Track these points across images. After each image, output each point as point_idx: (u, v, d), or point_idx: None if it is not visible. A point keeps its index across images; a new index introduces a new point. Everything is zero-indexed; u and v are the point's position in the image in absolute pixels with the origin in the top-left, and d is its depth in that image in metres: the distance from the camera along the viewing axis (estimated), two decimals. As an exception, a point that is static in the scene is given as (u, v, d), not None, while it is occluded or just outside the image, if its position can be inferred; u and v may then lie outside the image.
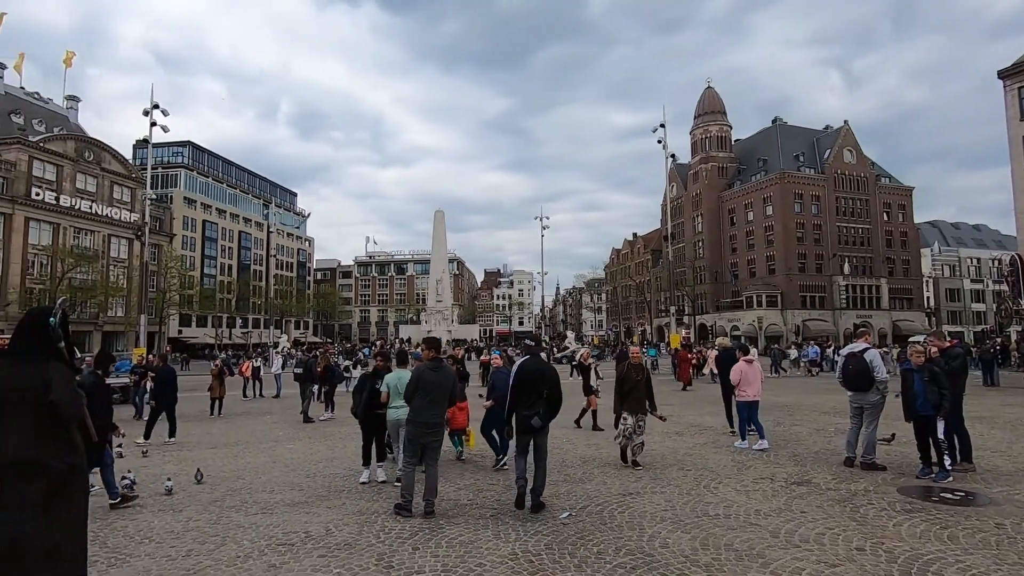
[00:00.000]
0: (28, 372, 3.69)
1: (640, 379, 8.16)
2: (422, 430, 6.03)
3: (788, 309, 62.05)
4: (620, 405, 8.11)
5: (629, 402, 8.05)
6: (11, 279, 48.30)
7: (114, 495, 6.51)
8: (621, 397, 8.14)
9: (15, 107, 54.20)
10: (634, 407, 8.03)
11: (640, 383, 8.13)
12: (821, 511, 5.86)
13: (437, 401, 6.08)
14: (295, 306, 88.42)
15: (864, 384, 7.70)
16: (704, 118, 74.17)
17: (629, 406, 8.04)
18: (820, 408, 14.68)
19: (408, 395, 6.20)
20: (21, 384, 3.65)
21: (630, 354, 8.72)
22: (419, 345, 8.12)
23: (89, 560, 4.47)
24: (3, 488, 3.59)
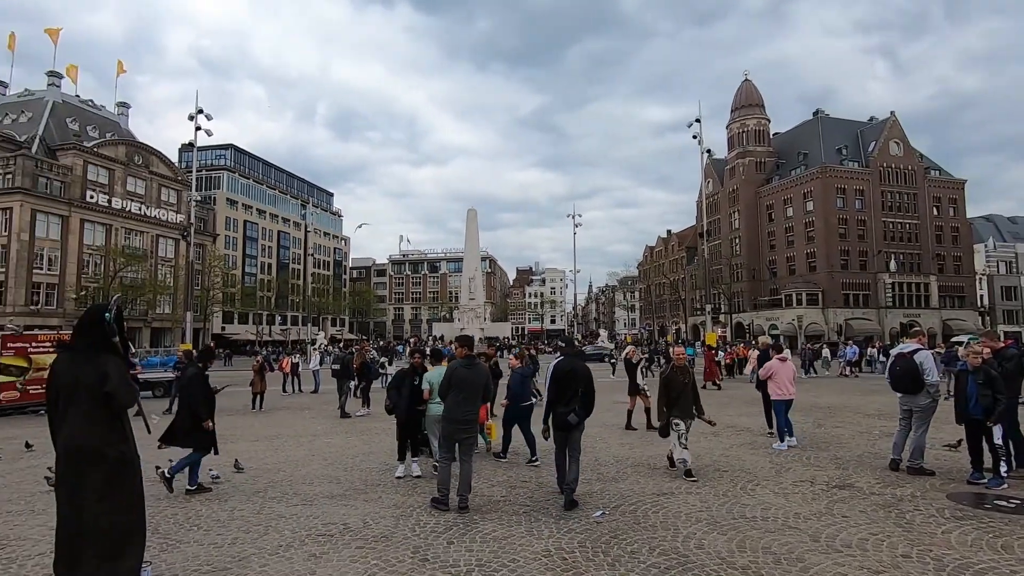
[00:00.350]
0: (87, 365, 3.92)
1: (687, 382, 7.66)
2: (456, 426, 6.12)
3: (830, 308, 60.03)
4: (668, 411, 7.57)
5: (679, 408, 7.51)
6: (68, 278, 50.91)
7: (193, 482, 6.94)
8: (668, 402, 7.58)
9: (71, 114, 57.05)
10: (684, 412, 7.53)
11: (687, 387, 7.63)
12: (864, 516, 5.68)
13: (470, 398, 6.15)
14: (332, 304, 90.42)
15: (912, 387, 7.38)
16: (741, 112, 72.36)
17: (679, 412, 7.50)
18: (864, 410, 14.19)
19: (442, 392, 6.32)
20: (81, 377, 3.89)
21: (673, 356, 8.15)
22: (451, 343, 8.25)
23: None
24: (66, 473, 3.84)
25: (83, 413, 3.83)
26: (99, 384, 3.85)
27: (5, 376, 15.84)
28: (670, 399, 7.57)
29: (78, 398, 3.85)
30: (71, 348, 4.09)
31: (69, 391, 3.87)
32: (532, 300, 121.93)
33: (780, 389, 9.41)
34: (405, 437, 7.86)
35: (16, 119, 55.63)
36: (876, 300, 61.37)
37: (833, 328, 57.77)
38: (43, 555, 4.71)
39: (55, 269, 50.56)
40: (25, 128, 54.00)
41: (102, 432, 3.86)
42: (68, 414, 3.84)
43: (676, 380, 7.62)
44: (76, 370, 3.91)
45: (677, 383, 7.60)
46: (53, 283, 50.52)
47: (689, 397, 7.63)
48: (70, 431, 3.82)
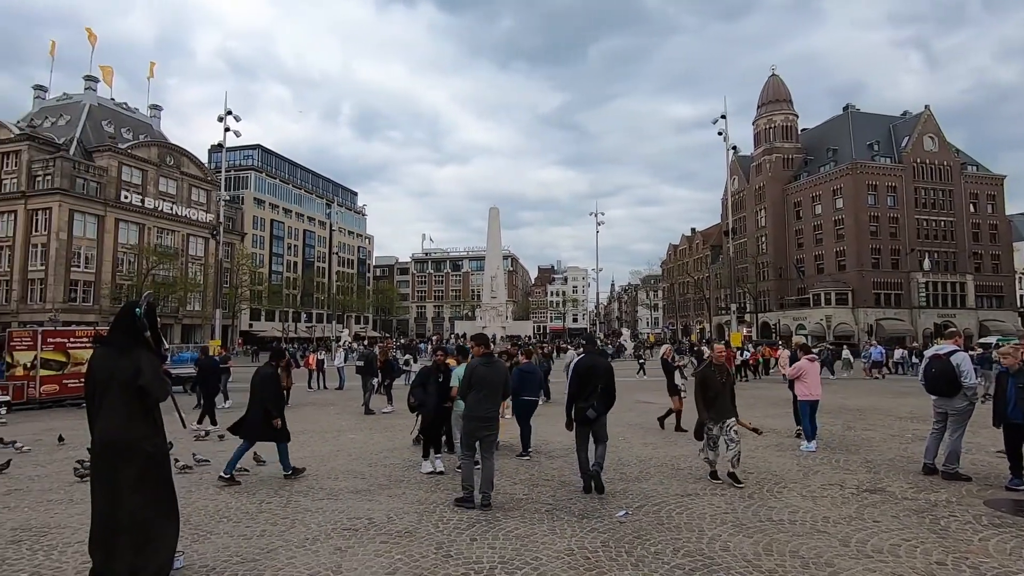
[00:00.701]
0: (121, 360, 4.04)
1: (725, 382, 7.24)
2: (477, 424, 6.16)
3: (860, 307, 58.51)
4: (705, 413, 7.14)
5: (716, 409, 7.08)
6: (104, 276, 52.58)
7: (288, 467, 7.55)
8: (706, 404, 7.14)
9: (107, 117, 58.86)
10: (720, 414, 7.08)
11: (725, 387, 7.21)
12: (896, 521, 5.53)
13: (490, 396, 6.21)
14: (356, 302, 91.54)
15: (948, 389, 7.14)
16: (768, 107, 70.94)
17: (715, 413, 7.06)
18: (896, 412, 13.81)
19: (462, 391, 6.39)
20: (116, 371, 4.01)
21: (713, 353, 7.62)
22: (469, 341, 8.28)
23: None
24: (101, 466, 3.97)
25: (117, 407, 3.95)
26: (133, 378, 3.96)
27: (46, 370, 16.44)
28: (706, 399, 7.17)
29: (113, 392, 3.97)
30: (107, 343, 4.23)
31: (105, 385, 3.99)
32: (554, 299, 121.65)
33: (809, 389, 9.36)
34: (430, 434, 7.93)
35: (55, 122, 57.61)
36: (909, 300, 59.59)
37: (863, 328, 56.30)
38: (81, 543, 4.87)
39: (91, 267, 52.25)
40: (63, 131, 55.89)
41: (136, 426, 3.98)
42: (103, 408, 3.96)
43: (713, 379, 7.20)
44: (111, 365, 4.03)
45: (714, 382, 7.18)
46: (90, 281, 52.23)
47: (727, 398, 7.19)
48: (105, 424, 3.94)
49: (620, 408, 6.83)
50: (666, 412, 11.48)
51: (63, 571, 4.41)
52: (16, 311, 48.71)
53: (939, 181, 62.18)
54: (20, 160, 51.71)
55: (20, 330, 19.45)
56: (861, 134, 63.79)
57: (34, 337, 16.88)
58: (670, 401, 11.50)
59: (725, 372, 7.43)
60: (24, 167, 51.34)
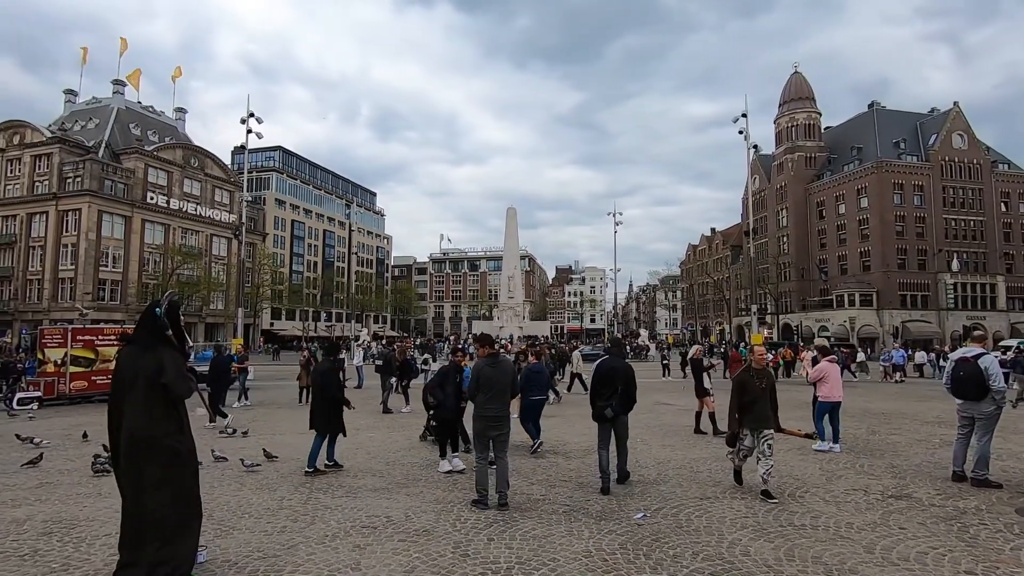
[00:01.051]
0: (145, 358, 4.13)
1: (764, 387, 6.67)
2: (485, 424, 6.22)
3: (885, 309, 57.25)
4: (740, 420, 6.69)
5: (752, 416, 6.58)
6: (130, 275, 53.86)
7: (332, 461, 7.97)
8: (741, 410, 6.67)
9: (134, 120, 60.30)
10: (757, 422, 6.55)
11: (765, 392, 6.64)
12: (923, 528, 5.40)
13: (497, 396, 6.26)
14: (374, 301, 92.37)
15: (976, 393, 6.95)
16: (790, 105, 69.81)
17: (752, 421, 6.58)
18: (922, 417, 13.49)
19: (471, 392, 6.44)
20: (140, 369, 4.10)
21: (753, 356, 7.13)
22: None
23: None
24: (127, 461, 4.06)
25: (141, 404, 4.04)
26: (156, 375, 4.05)
27: (75, 367, 16.90)
28: (743, 404, 6.66)
29: (137, 389, 4.06)
30: (132, 341, 4.34)
31: (130, 383, 4.09)
32: (571, 299, 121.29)
33: (830, 391, 9.53)
34: (446, 434, 8.00)
35: (85, 125, 59.21)
36: (936, 302, 58.17)
37: (889, 330, 55.08)
38: (109, 536, 5.00)
39: (119, 266, 53.57)
40: (92, 134, 57.41)
41: (158, 422, 4.06)
42: (128, 404, 4.06)
43: (751, 384, 6.67)
44: (136, 362, 4.13)
45: (752, 387, 6.65)
46: (117, 280, 53.55)
47: (766, 404, 6.63)
48: (129, 421, 4.03)
49: (639, 409, 6.79)
50: (696, 418, 11.18)
51: (91, 563, 4.53)
52: (47, 309, 50.14)
53: (968, 179, 60.58)
54: (52, 163, 53.25)
55: (51, 328, 20.01)
56: (887, 132, 62.41)
57: (64, 335, 17.35)
58: (692, 403, 11.38)
59: (765, 376, 6.85)
60: (55, 169, 52.86)
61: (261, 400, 17.23)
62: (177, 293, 5.77)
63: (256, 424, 12.10)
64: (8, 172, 55.50)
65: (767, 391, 6.70)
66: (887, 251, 58.14)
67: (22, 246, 53.17)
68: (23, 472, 7.76)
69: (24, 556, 4.70)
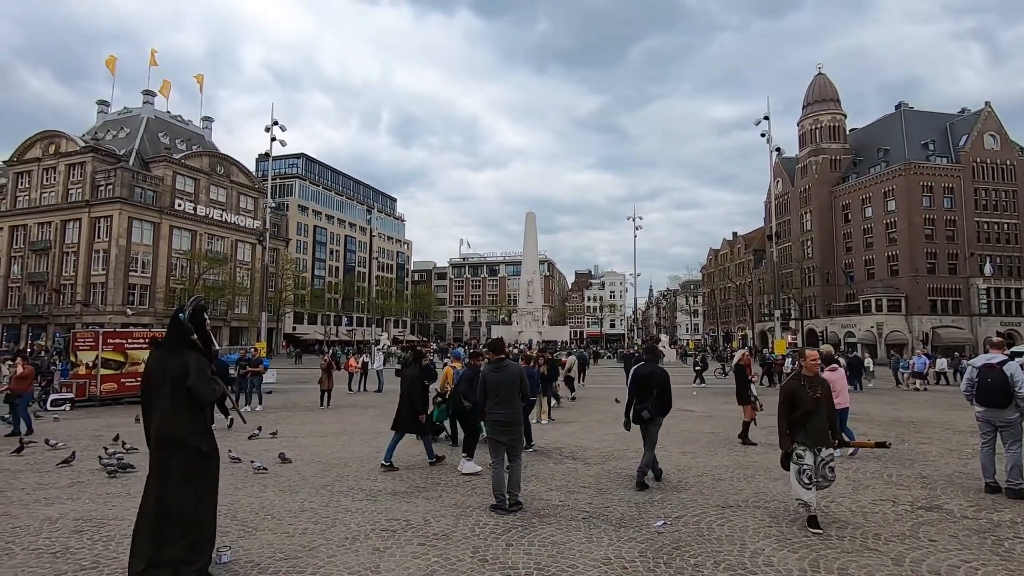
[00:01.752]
0: (172, 361, 4.27)
1: (819, 396, 5.76)
2: (495, 428, 6.32)
3: (914, 315, 55.76)
4: (791, 437, 5.74)
5: (806, 432, 5.66)
6: (159, 280, 55.23)
7: (431, 456, 8.53)
8: (791, 424, 5.76)
9: (163, 129, 61.98)
10: (814, 439, 5.63)
11: (820, 403, 5.74)
12: (955, 541, 5.24)
13: (504, 400, 6.29)
14: (395, 306, 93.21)
15: (1003, 400, 6.76)
16: (814, 107, 68.70)
17: (807, 438, 5.65)
18: (954, 426, 13.09)
19: (480, 398, 6.58)
20: (167, 371, 4.23)
21: (804, 361, 6.18)
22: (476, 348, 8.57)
23: (222, 530, 5.05)
24: (156, 459, 4.18)
25: (168, 405, 4.18)
26: (181, 378, 4.18)
27: (106, 369, 17.36)
28: (792, 419, 5.77)
29: (164, 391, 4.20)
30: (160, 346, 4.49)
31: (158, 384, 4.23)
32: (591, 304, 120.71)
33: (841, 399, 9.30)
34: (471, 434, 8.54)
35: (116, 135, 61.05)
36: (968, 307, 56.50)
37: (918, 336, 53.63)
38: (137, 535, 5.12)
39: (148, 272, 54.97)
40: (123, 143, 59.15)
41: (184, 423, 4.19)
42: (157, 405, 4.20)
43: (802, 394, 5.76)
44: (164, 365, 4.27)
45: (804, 398, 5.73)
46: (146, 284, 54.95)
47: (822, 417, 5.72)
48: (158, 421, 4.18)
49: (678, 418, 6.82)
50: (743, 427, 10.71)
51: (120, 561, 4.64)
52: (80, 313, 51.62)
53: (1001, 181, 58.84)
54: (85, 171, 54.97)
55: (83, 331, 20.60)
56: (914, 133, 61.00)
57: (96, 338, 17.86)
58: (712, 409, 11.17)
59: (820, 385, 5.88)
60: (88, 177, 54.55)
61: (284, 403, 17.49)
62: (204, 298, 5.92)
63: (277, 427, 12.28)
64: (44, 181, 57.44)
65: (822, 401, 5.75)
66: (916, 255, 56.70)
67: (56, 252, 54.92)
68: (56, 471, 8.00)
69: (56, 553, 4.84)
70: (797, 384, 5.92)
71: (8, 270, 57.42)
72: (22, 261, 56.63)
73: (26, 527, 5.55)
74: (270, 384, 23.47)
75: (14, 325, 55.78)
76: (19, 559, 4.70)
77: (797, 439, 5.70)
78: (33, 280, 55.49)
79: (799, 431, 5.72)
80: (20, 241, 57.10)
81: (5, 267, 57.53)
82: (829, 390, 6.00)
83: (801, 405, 5.75)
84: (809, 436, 5.66)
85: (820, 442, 5.66)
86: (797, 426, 5.74)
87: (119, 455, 8.46)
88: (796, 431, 5.74)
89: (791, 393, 5.87)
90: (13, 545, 5.02)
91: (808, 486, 5.56)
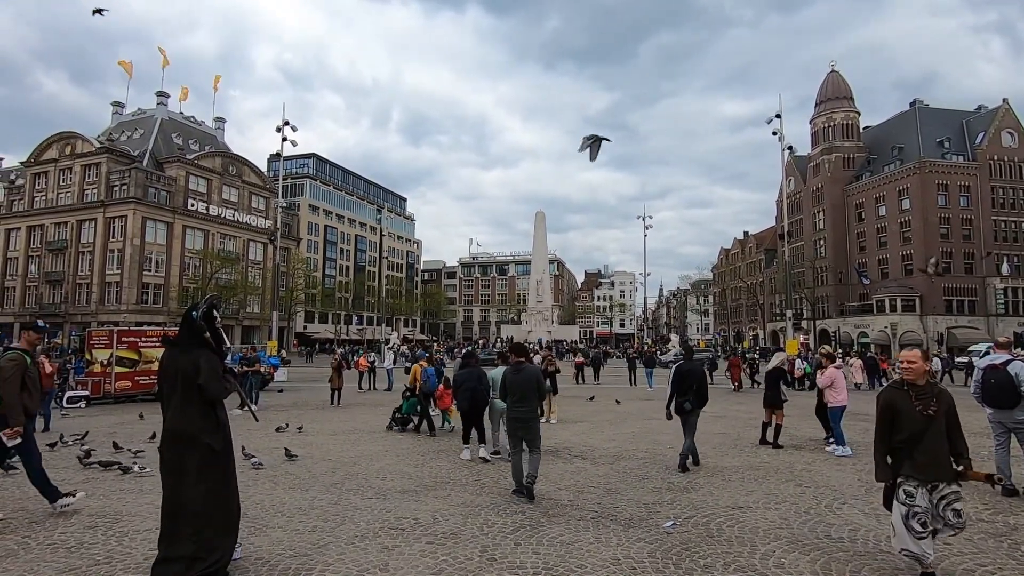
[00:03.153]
0: (185, 359, 4.30)
1: (935, 413, 4.17)
2: (513, 423, 6.90)
3: (929, 315, 55.05)
4: (893, 467, 4.24)
5: (914, 462, 4.13)
6: (171, 279, 55.86)
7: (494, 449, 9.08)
8: (892, 451, 4.25)
9: (176, 130, 62.67)
10: (927, 470, 4.11)
11: (936, 421, 4.16)
12: (970, 544, 5.16)
13: (522, 398, 6.81)
14: (404, 305, 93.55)
15: (1009, 401, 6.69)
16: (827, 105, 68.01)
17: (915, 470, 4.12)
18: (969, 428, 12.80)
19: (501, 394, 7.28)
20: (180, 369, 4.28)
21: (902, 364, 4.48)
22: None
23: (234, 527, 5.08)
24: (168, 456, 4.22)
25: (180, 402, 4.22)
26: (193, 376, 4.22)
27: (120, 367, 17.59)
28: (895, 441, 4.23)
29: (177, 388, 4.24)
30: (173, 344, 4.52)
31: (172, 382, 4.27)
32: (601, 303, 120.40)
33: (839, 395, 9.87)
34: (470, 426, 9.01)
35: (131, 136, 61.82)
36: (984, 307, 55.68)
37: (933, 337, 52.94)
38: (149, 531, 5.18)
39: (161, 271, 55.63)
40: (138, 144, 59.89)
41: (194, 420, 4.23)
42: (170, 402, 4.25)
43: (907, 409, 4.20)
44: (176, 363, 4.31)
45: (910, 414, 4.18)
46: (159, 283, 55.60)
47: (939, 440, 4.17)
48: (171, 418, 4.22)
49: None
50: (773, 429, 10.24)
51: (132, 556, 4.70)
52: (95, 312, 52.37)
53: (1019, 179, 57.92)
54: (100, 172, 55.74)
55: (99, 329, 20.89)
56: (930, 131, 60.18)
57: (110, 336, 18.10)
58: (722, 409, 11.08)
59: (933, 396, 4.24)
60: (103, 178, 55.31)
61: (294, 402, 17.62)
62: (219, 297, 5.96)
63: (288, 422, 12.36)
64: (60, 181, 58.33)
65: (939, 419, 4.17)
66: (930, 254, 55.90)
67: (72, 251, 55.74)
68: (72, 467, 8.11)
69: (71, 548, 4.91)
70: (899, 394, 4.30)
71: (26, 269, 58.37)
72: (39, 260, 57.54)
73: (41, 522, 5.63)
74: (281, 383, 23.67)
75: (31, 323, 56.63)
76: (35, 553, 4.77)
77: (902, 471, 4.17)
78: (50, 279, 56.37)
79: (904, 461, 4.17)
80: (37, 241, 58.02)
81: (23, 266, 58.50)
82: (952, 402, 4.31)
83: (907, 422, 4.17)
84: (919, 468, 4.11)
85: (936, 475, 4.11)
86: (901, 453, 4.19)
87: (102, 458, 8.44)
88: (900, 460, 4.19)
89: (890, 407, 4.27)
90: (29, 540, 5.10)
91: (921, 535, 4.05)
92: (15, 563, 4.55)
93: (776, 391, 10.47)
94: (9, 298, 58.98)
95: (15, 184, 63.39)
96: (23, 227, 58.95)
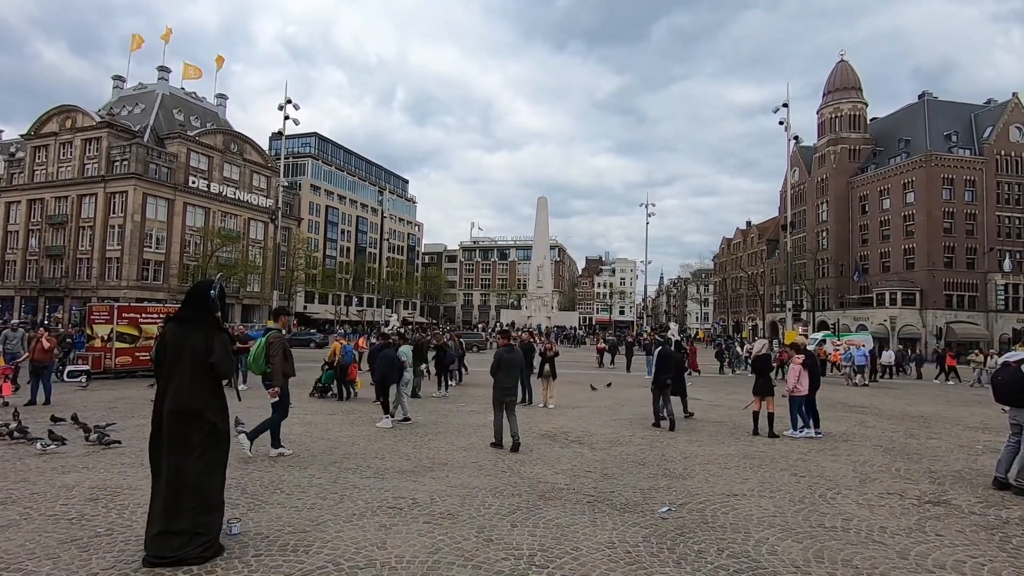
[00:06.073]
0: (194, 336, 4.30)
1: None
2: (501, 392, 8.59)
3: (929, 309, 55.02)
4: None
5: None
6: (172, 256, 55.79)
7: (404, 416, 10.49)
8: None
9: (177, 106, 62.07)
10: None
11: None
12: (962, 536, 5.22)
13: (512, 374, 8.77)
14: (404, 287, 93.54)
15: (1017, 399, 6.72)
16: (835, 95, 67.25)
17: None
18: (965, 422, 12.98)
19: (492, 371, 8.77)
20: (188, 345, 4.28)
21: None
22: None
23: (232, 503, 5.16)
24: (172, 432, 4.25)
25: (185, 378, 4.22)
26: (205, 354, 4.23)
27: (120, 343, 17.64)
28: None
29: (183, 364, 4.24)
30: (180, 320, 4.50)
31: (175, 357, 4.27)
32: (601, 290, 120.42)
33: (800, 385, 10.35)
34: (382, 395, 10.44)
35: (132, 111, 61.25)
36: (985, 303, 55.64)
37: (932, 331, 53.05)
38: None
39: (162, 248, 55.53)
40: (138, 119, 59.36)
41: (204, 397, 4.26)
42: (174, 378, 4.25)
43: None
44: (183, 339, 4.29)
45: None
46: (160, 260, 55.53)
47: None
48: (176, 394, 4.22)
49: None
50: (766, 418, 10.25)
51: (133, 529, 4.75)
52: (96, 287, 52.39)
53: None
54: (101, 146, 55.34)
55: (99, 305, 20.91)
56: (937, 124, 59.57)
57: (111, 312, 18.12)
58: (719, 398, 11.27)
59: None
60: (104, 153, 54.93)
61: (293, 382, 17.65)
62: (227, 277, 5.96)
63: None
64: (61, 155, 57.95)
65: None
66: (933, 249, 55.78)
67: (73, 226, 55.59)
68: (73, 441, 8.17)
69: (72, 519, 4.97)
70: None
71: (26, 243, 58.29)
72: (39, 234, 57.42)
73: (43, 494, 5.69)
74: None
75: (32, 297, 56.79)
76: (37, 524, 4.83)
77: None
78: (50, 253, 56.31)
79: None
80: (37, 215, 57.84)
81: (23, 240, 58.40)
82: None
83: None
84: None
85: None
86: None
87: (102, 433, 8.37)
88: None
89: None
90: (31, 511, 5.16)
91: None
92: (17, 532, 4.61)
93: (766, 379, 10.54)
94: (10, 272, 58.97)
95: (15, 157, 62.99)
96: (23, 200, 58.72)
